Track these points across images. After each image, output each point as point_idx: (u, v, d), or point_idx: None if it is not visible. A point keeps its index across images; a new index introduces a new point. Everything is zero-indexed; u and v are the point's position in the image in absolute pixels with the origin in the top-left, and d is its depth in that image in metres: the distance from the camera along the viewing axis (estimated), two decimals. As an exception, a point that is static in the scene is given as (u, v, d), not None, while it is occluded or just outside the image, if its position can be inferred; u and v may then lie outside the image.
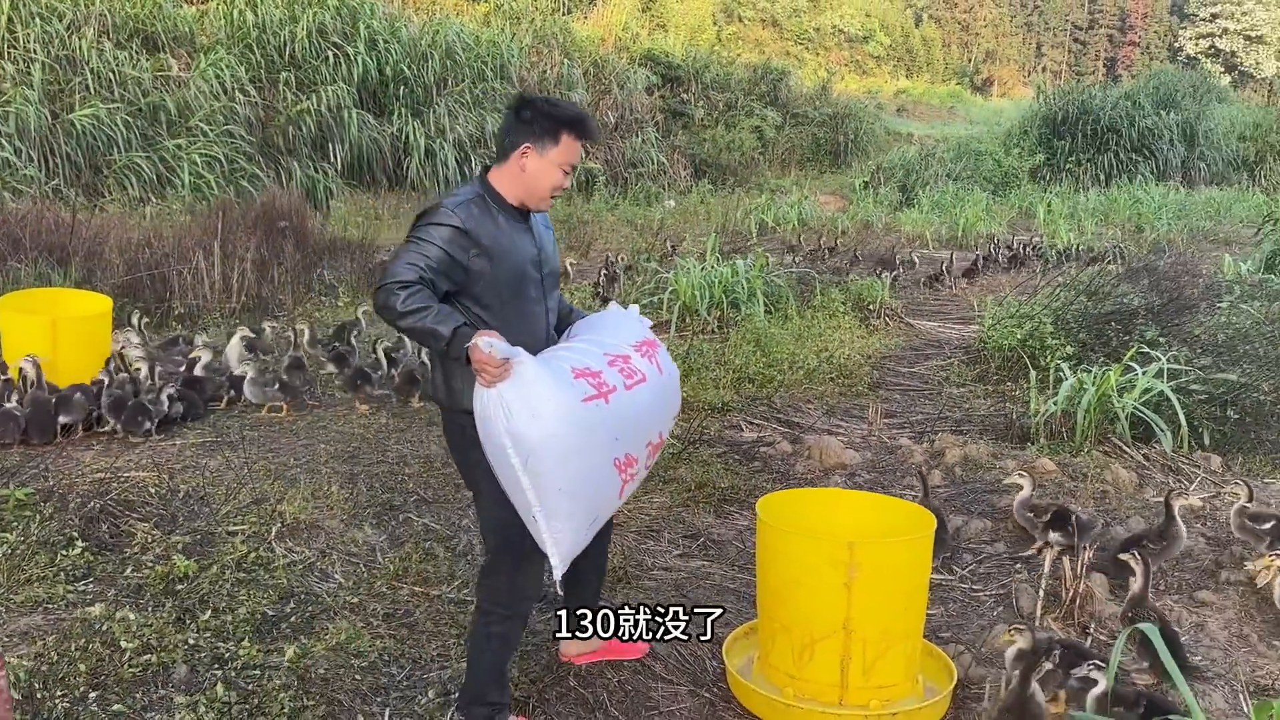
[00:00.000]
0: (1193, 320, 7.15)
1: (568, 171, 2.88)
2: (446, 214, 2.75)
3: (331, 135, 16.01)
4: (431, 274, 2.68)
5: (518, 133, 2.83)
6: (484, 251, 2.76)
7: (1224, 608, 3.86)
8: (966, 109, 43.99)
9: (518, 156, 2.83)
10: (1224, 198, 21.46)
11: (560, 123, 2.82)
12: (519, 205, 2.89)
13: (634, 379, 2.88)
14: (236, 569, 3.85)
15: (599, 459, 2.75)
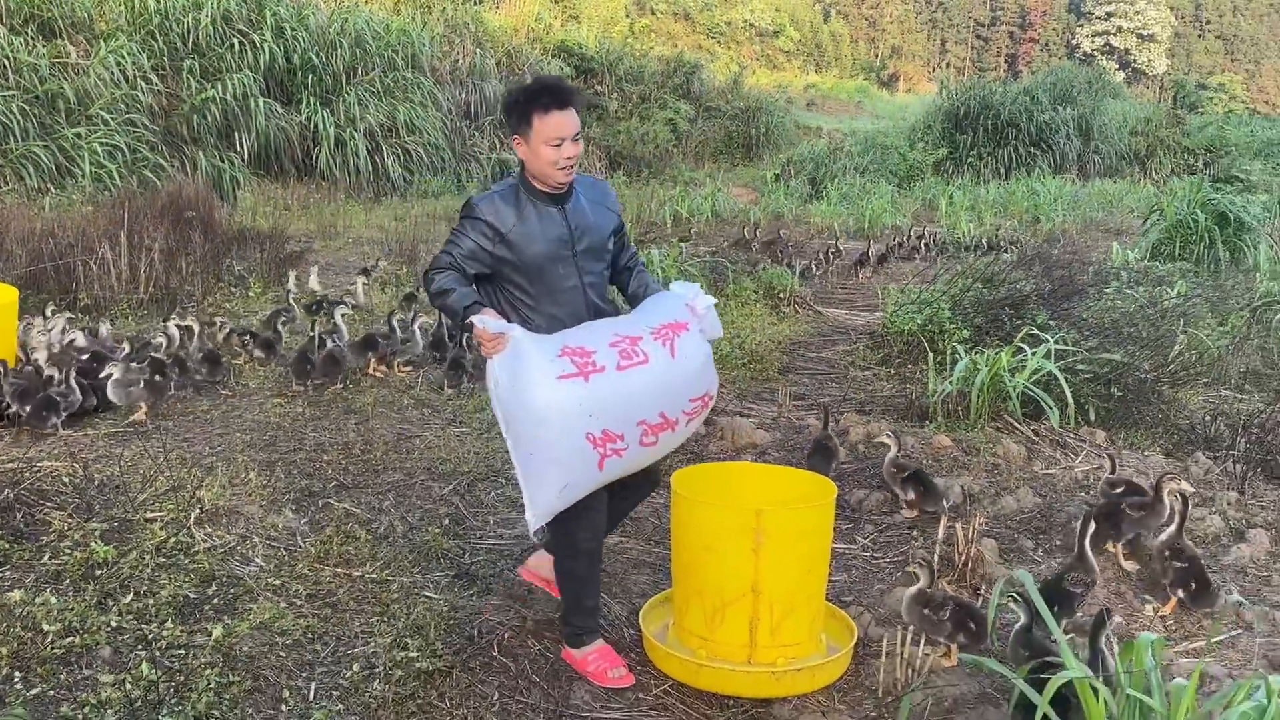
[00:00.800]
0: (1081, 305, 7.56)
1: (557, 144, 3.06)
2: (475, 209, 3.16)
3: (238, 124, 15.70)
4: (462, 260, 3.13)
5: (509, 127, 3.16)
6: (504, 240, 3.13)
7: (1104, 569, 4.16)
8: (873, 104, 44.99)
9: (516, 148, 3.17)
10: (1116, 189, 22.46)
11: (525, 104, 3.06)
12: (548, 189, 3.18)
13: (631, 360, 3.07)
14: (156, 554, 3.87)
15: (571, 433, 2.97)
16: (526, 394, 2.95)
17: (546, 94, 3.04)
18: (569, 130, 3.07)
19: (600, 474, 3.09)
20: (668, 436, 3.23)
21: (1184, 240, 11.70)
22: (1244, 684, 2.22)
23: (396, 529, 4.39)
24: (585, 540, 3.28)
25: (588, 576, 3.34)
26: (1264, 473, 5.10)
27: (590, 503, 3.18)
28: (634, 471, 3.25)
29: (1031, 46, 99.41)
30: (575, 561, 3.31)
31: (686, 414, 3.26)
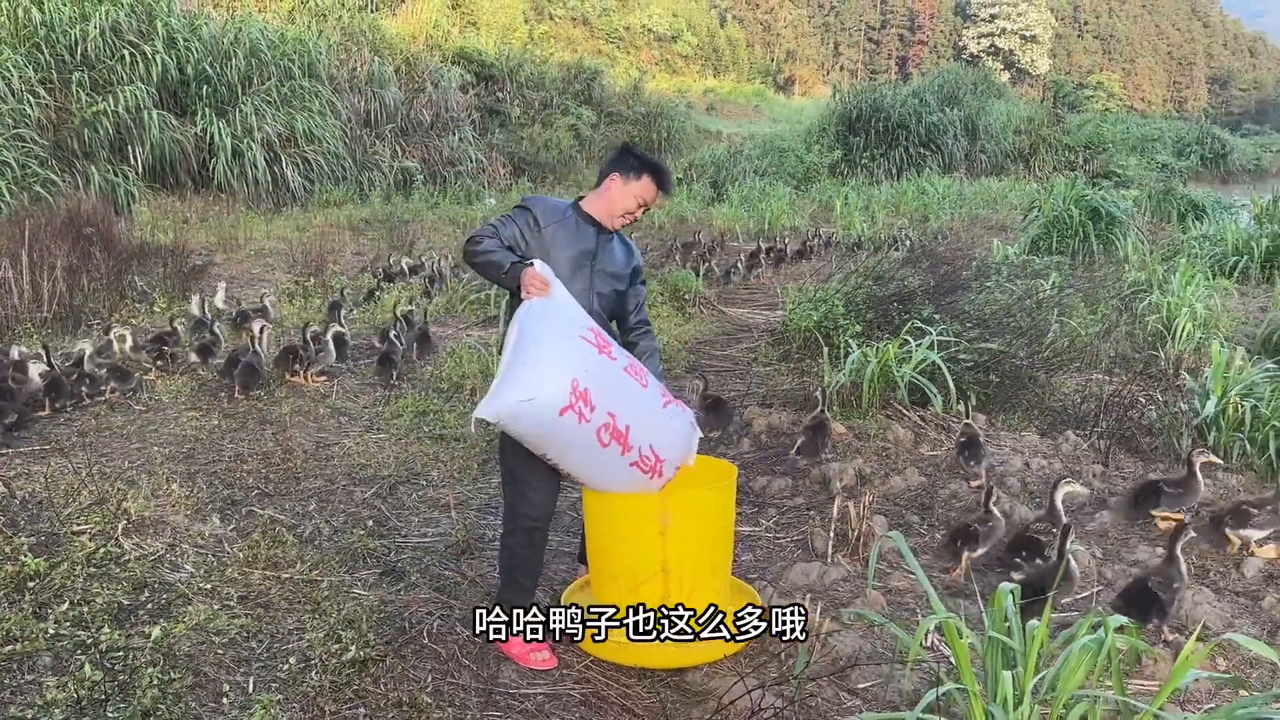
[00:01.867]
0: (964, 298, 8.05)
1: (641, 204, 3.59)
2: (526, 201, 3.57)
3: (131, 137, 15.42)
4: (503, 238, 3.44)
5: (618, 165, 3.59)
6: (540, 232, 3.48)
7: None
8: (771, 107, 45.96)
9: (608, 181, 3.58)
10: (1001, 187, 23.51)
11: (647, 166, 3.58)
12: (604, 224, 3.60)
13: (634, 376, 3.46)
14: (87, 565, 3.96)
15: (562, 367, 3.21)
16: (547, 324, 3.26)
17: (662, 174, 3.61)
18: (652, 203, 3.65)
19: (558, 420, 3.18)
20: (614, 454, 3.35)
21: (1060, 235, 12.46)
22: (1085, 620, 2.59)
23: (322, 532, 4.55)
24: (527, 519, 3.52)
25: (527, 555, 3.57)
26: (1125, 447, 5.60)
27: (538, 483, 3.47)
28: (568, 471, 3.45)
29: (921, 49, 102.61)
30: (515, 538, 3.55)
31: (643, 456, 3.41)
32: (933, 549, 4.43)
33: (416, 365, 7.53)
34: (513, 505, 3.56)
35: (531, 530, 3.56)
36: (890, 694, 3.29)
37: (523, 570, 3.59)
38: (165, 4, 17.38)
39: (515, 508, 3.55)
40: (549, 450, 3.34)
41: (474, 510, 4.91)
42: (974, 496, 4.93)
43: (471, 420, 3.33)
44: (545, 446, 3.33)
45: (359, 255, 12.88)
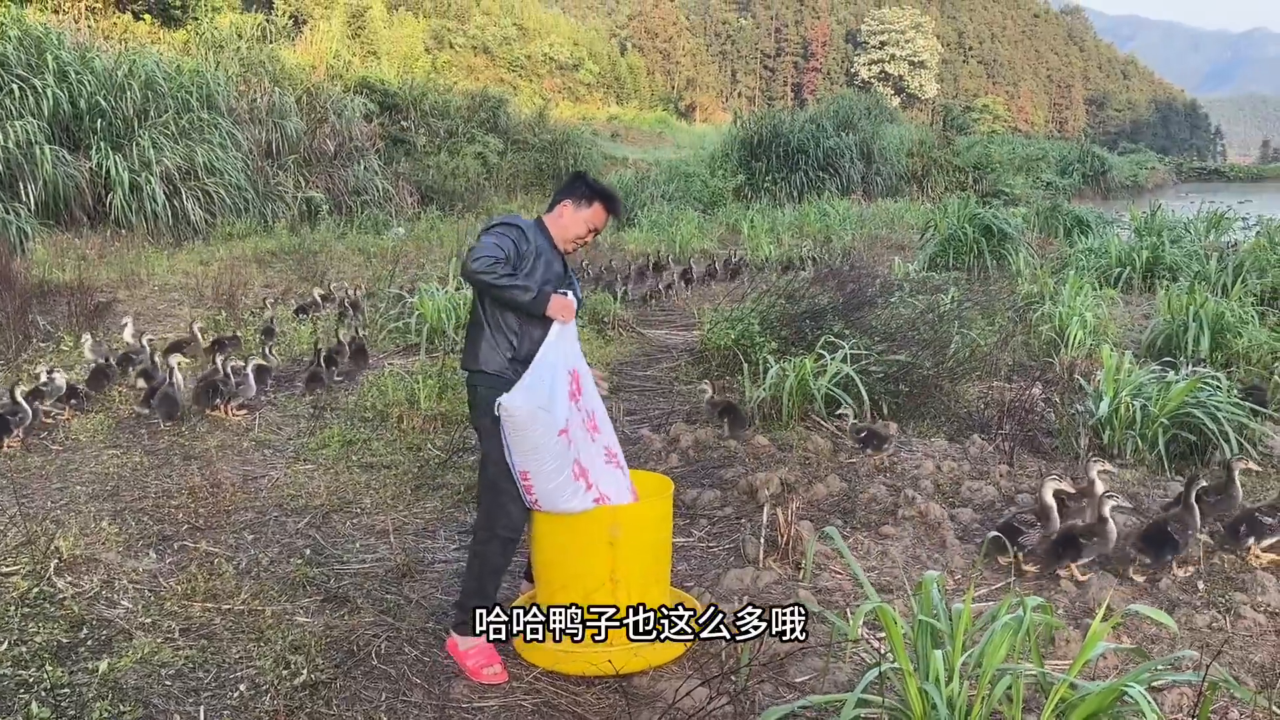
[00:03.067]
0: (871, 314, 8.40)
1: (591, 230, 3.77)
2: (515, 219, 3.68)
3: (22, 173, 14.94)
4: (506, 255, 3.50)
5: (570, 193, 3.75)
6: (527, 250, 3.59)
7: (901, 537, 4.81)
8: (674, 134, 46.70)
9: (560, 207, 3.74)
10: (897, 208, 24.38)
11: (597, 194, 3.75)
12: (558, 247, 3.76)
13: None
14: (21, 604, 3.91)
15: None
16: (560, 352, 3.59)
17: (613, 201, 3.80)
18: (601, 229, 3.85)
19: (556, 439, 3.48)
20: (580, 488, 3.61)
21: (956, 251, 13.04)
22: (1004, 602, 2.81)
23: (259, 562, 4.55)
24: (505, 529, 3.65)
25: (499, 564, 3.70)
26: (1027, 447, 5.95)
27: (512, 490, 3.60)
28: (536, 491, 3.58)
29: (815, 76, 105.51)
30: (490, 546, 3.66)
31: (600, 496, 3.67)
32: (857, 549, 4.66)
33: (355, 379, 7.89)
34: (491, 515, 3.66)
35: (507, 540, 3.68)
36: (827, 685, 3.48)
37: (491, 578, 3.69)
38: (55, 37, 16.95)
39: (493, 517, 3.66)
40: (532, 460, 3.48)
41: (410, 535, 4.97)
42: (891, 499, 5.19)
43: (497, 404, 3.44)
44: (533, 456, 3.47)
45: (268, 288, 12.71)
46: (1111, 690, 2.49)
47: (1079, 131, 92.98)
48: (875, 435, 5.80)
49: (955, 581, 4.39)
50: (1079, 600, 4.08)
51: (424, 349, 8.63)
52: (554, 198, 3.82)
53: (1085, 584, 4.18)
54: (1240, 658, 3.61)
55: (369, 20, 39.43)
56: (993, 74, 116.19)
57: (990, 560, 4.49)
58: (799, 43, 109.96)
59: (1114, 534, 4.26)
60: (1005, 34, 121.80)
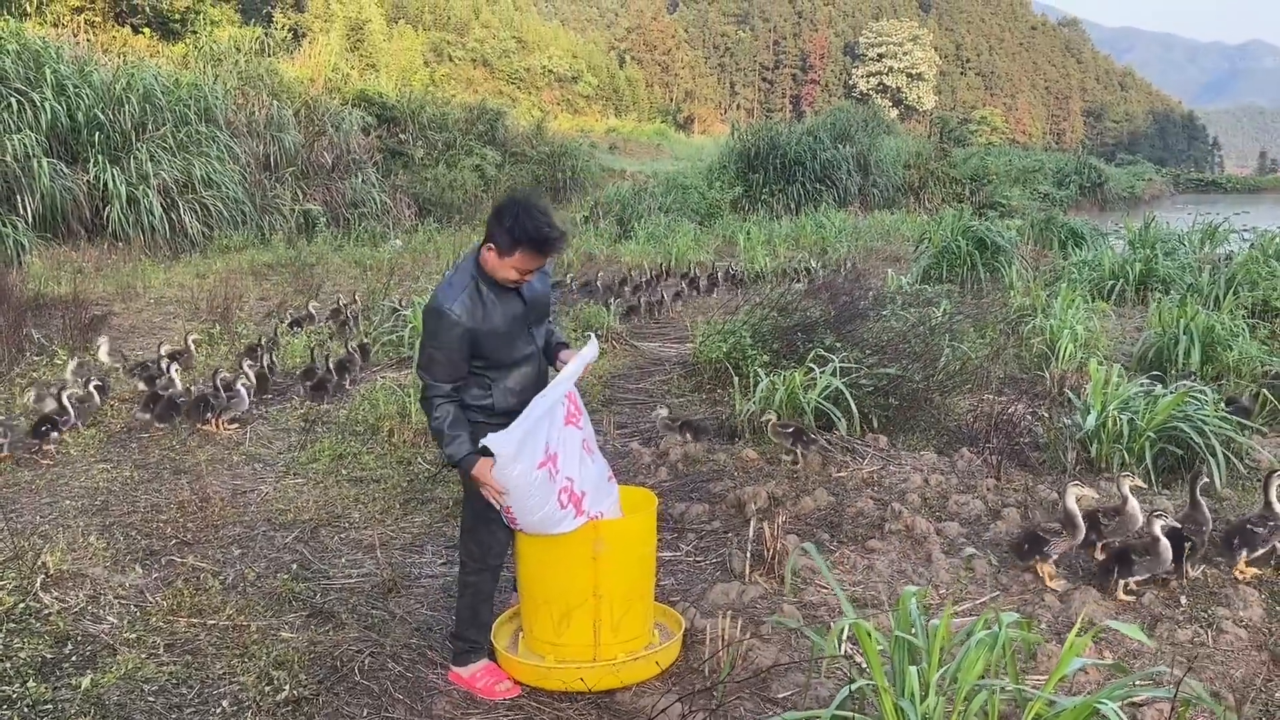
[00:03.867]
0: (863, 326, 8.42)
1: (523, 273, 3.40)
2: (448, 317, 3.35)
3: (19, 186, 14.97)
4: (454, 369, 3.41)
5: (490, 235, 3.36)
6: (480, 333, 3.39)
7: (888, 551, 4.82)
8: (672, 146, 46.82)
9: (484, 250, 3.39)
10: (894, 220, 24.43)
11: (519, 237, 3.30)
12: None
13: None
14: (7, 620, 3.92)
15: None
16: (543, 394, 3.47)
17: (540, 245, 3.33)
18: (536, 268, 3.44)
19: (536, 471, 3.42)
20: (569, 514, 3.56)
21: (950, 264, 13.07)
22: (981, 619, 2.82)
23: (246, 577, 4.56)
24: (495, 557, 3.67)
25: (489, 592, 3.70)
26: (1015, 461, 5.96)
27: (502, 523, 3.59)
28: (520, 518, 3.55)
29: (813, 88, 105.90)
30: (481, 576, 3.67)
31: (591, 518, 3.63)
32: (843, 563, 4.67)
33: (360, 378, 8.17)
34: (482, 546, 3.65)
35: (496, 568, 3.70)
36: (808, 701, 3.48)
37: (485, 605, 3.72)
38: (53, 51, 17.00)
39: (485, 548, 3.65)
40: (516, 498, 3.45)
41: (398, 549, 4.98)
42: (878, 513, 5.20)
43: (483, 441, 3.37)
44: (517, 494, 3.44)
45: (263, 300, 12.72)
46: (1085, 706, 2.50)
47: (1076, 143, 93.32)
48: (802, 433, 5.98)
49: (940, 596, 4.40)
50: (1062, 615, 4.09)
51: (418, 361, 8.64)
52: (486, 232, 3.41)
53: (1069, 598, 4.19)
54: (1220, 673, 3.62)
55: (368, 33, 39.58)
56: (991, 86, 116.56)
57: (1007, 568, 4.51)
58: (797, 55, 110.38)
59: (1168, 554, 4.19)
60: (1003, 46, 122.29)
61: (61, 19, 24.38)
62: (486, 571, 3.68)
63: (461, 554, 3.75)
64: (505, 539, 3.69)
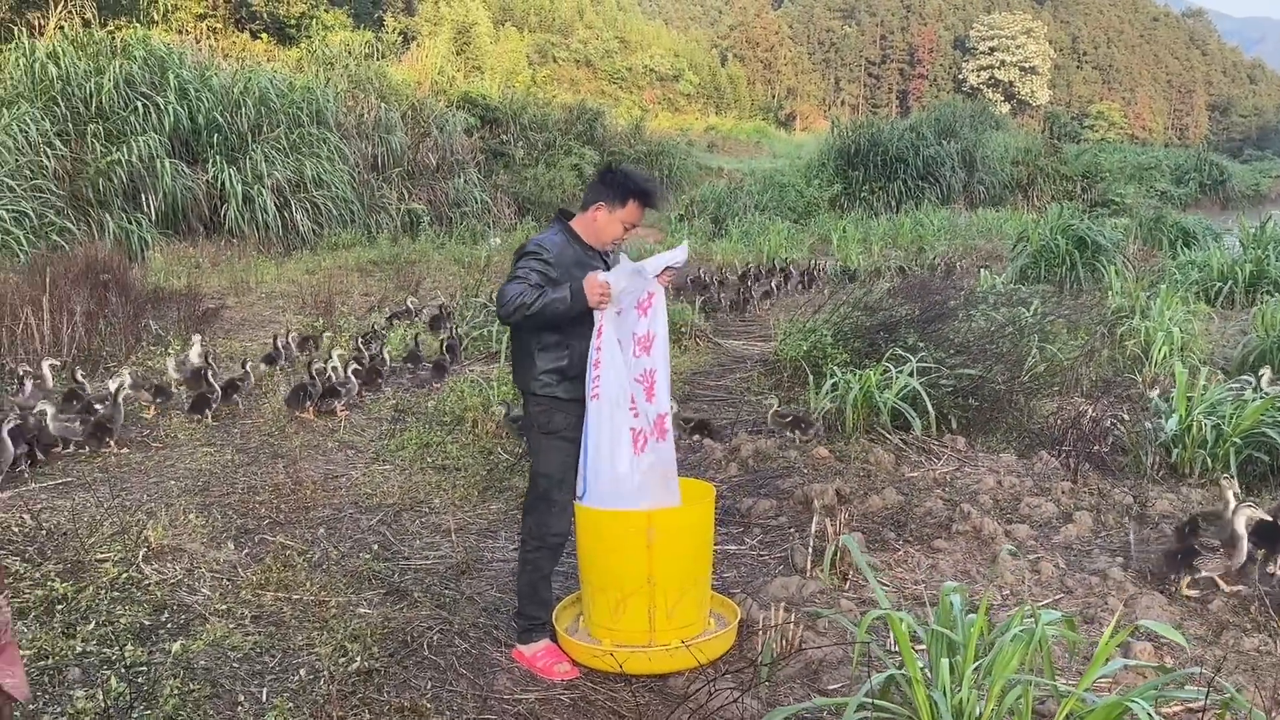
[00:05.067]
0: (948, 326, 8.33)
1: (630, 228, 3.73)
2: (535, 247, 3.63)
3: (144, 185, 15.85)
4: (532, 284, 3.55)
5: (600, 194, 3.69)
6: (563, 272, 3.60)
7: (953, 552, 4.82)
8: (771, 143, 46.53)
9: (593, 210, 3.70)
10: (998, 218, 23.85)
11: (631, 189, 3.67)
12: (593, 246, 3.78)
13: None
14: (111, 589, 4.25)
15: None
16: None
17: (648, 195, 3.71)
18: (638, 223, 3.77)
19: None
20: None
21: (1048, 263, 12.75)
22: (1018, 613, 2.85)
23: (330, 556, 4.83)
24: (554, 536, 3.84)
25: (548, 570, 3.89)
26: (1094, 465, 5.85)
27: (566, 504, 3.80)
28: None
29: (921, 83, 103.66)
30: (540, 554, 3.84)
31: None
32: (906, 562, 4.69)
33: (449, 373, 8.46)
34: (543, 524, 3.82)
35: (556, 546, 3.88)
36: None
37: (544, 583, 3.90)
38: (176, 57, 17.95)
39: (545, 526, 3.82)
40: (606, 336, 3.64)
41: (473, 534, 5.19)
42: (946, 513, 5.18)
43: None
44: (611, 329, 3.64)
45: (366, 296, 13.22)
46: (1115, 705, 2.51)
47: (1200, 139, 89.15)
48: (800, 421, 6.36)
49: (1002, 596, 4.38)
50: (1125, 619, 4.03)
51: (503, 356, 8.90)
52: (586, 196, 3.78)
53: (1134, 602, 4.13)
54: (1285, 683, 3.53)
55: (475, 36, 40.50)
56: (1109, 80, 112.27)
57: (1074, 571, 4.47)
58: (905, 49, 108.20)
59: (1243, 549, 4.18)
60: (1122, 38, 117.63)
61: (185, 26, 25.66)
62: (545, 549, 3.84)
63: (523, 532, 3.94)
64: (565, 521, 3.86)
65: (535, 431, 3.83)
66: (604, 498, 3.74)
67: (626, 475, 3.69)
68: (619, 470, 3.68)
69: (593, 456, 3.70)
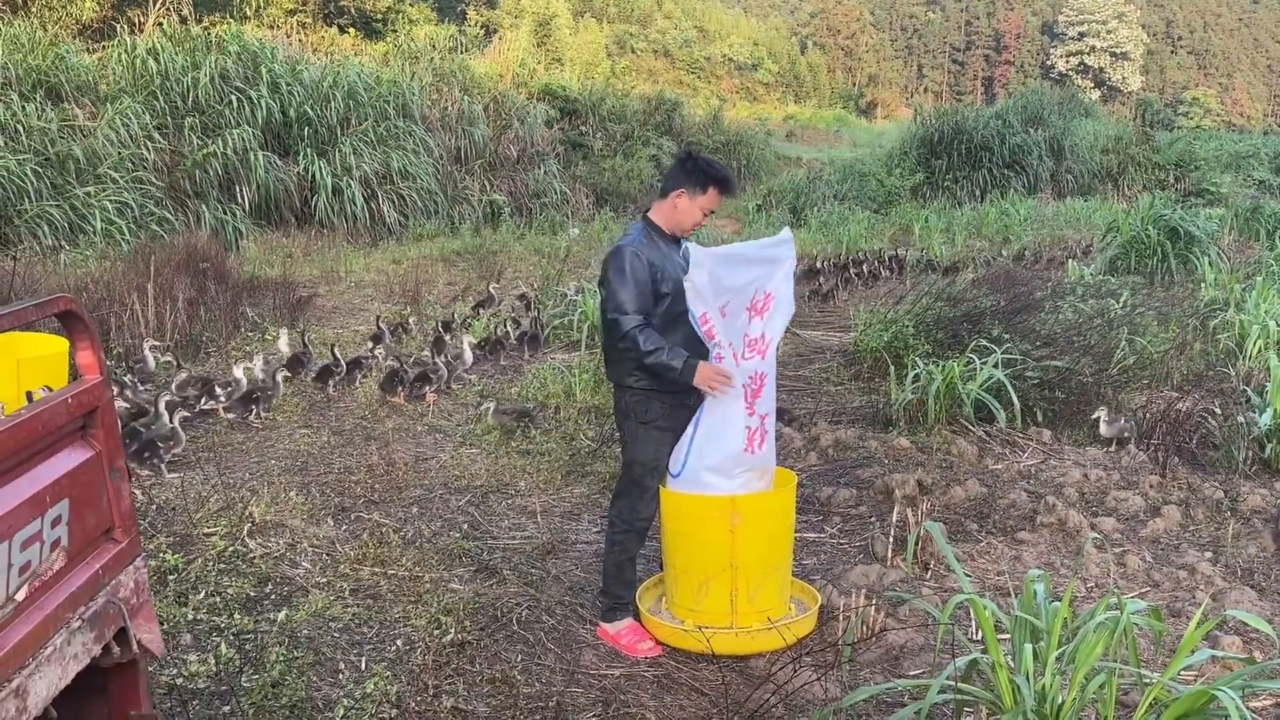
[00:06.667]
0: (1034, 318, 8.22)
1: (709, 214, 3.86)
2: (629, 251, 3.71)
3: (238, 177, 16.38)
4: (643, 302, 3.67)
5: (681, 181, 3.79)
6: (658, 268, 3.73)
7: (1037, 544, 4.80)
8: (851, 132, 45.98)
9: (674, 197, 3.80)
10: (1086, 208, 23.24)
11: (711, 176, 3.78)
12: (670, 233, 3.89)
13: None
14: (218, 561, 4.49)
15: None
16: None
17: (727, 183, 3.85)
18: (715, 210, 3.91)
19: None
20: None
21: (1139, 255, 12.44)
22: (1103, 601, 2.86)
23: (423, 534, 5.01)
24: (641, 521, 3.98)
25: (634, 553, 4.04)
26: (1183, 459, 5.74)
27: (655, 492, 3.95)
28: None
29: (1007, 69, 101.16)
30: (628, 537, 3.98)
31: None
32: (988, 553, 4.69)
33: (527, 362, 8.65)
34: (634, 510, 3.97)
35: (642, 530, 4.02)
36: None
37: (629, 565, 4.04)
38: (269, 51, 18.49)
39: (636, 512, 3.97)
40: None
41: (557, 516, 5.33)
42: (1030, 505, 5.16)
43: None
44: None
45: (451, 285, 13.51)
46: (1201, 694, 2.52)
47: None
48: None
49: (1087, 589, 4.36)
50: (1213, 612, 3.99)
51: (584, 345, 9.04)
52: (665, 184, 3.87)
53: (1223, 596, 4.08)
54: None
55: (555, 28, 40.80)
56: (1204, 65, 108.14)
57: (1160, 565, 4.43)
58: (990, 35, 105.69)
59: None
60: (1219, 22, 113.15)
61: (276, 21, 26.38)
62: (632, 533, 3.97)
63: (612, 514, 4.08)
64: (652, 507, 3.98)
65: (631, 421, 3.93)
66: (702, 484, 3.84)
67: (729, 466, 3.80)
68: (725, 460, 3.79)
69: (699, 443, 3.81)
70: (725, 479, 3.84)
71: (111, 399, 2.23)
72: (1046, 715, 2.69)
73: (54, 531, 1.95)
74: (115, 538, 2.20)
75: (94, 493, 2.10)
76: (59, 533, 1.96)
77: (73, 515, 2.01)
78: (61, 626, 1.93)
